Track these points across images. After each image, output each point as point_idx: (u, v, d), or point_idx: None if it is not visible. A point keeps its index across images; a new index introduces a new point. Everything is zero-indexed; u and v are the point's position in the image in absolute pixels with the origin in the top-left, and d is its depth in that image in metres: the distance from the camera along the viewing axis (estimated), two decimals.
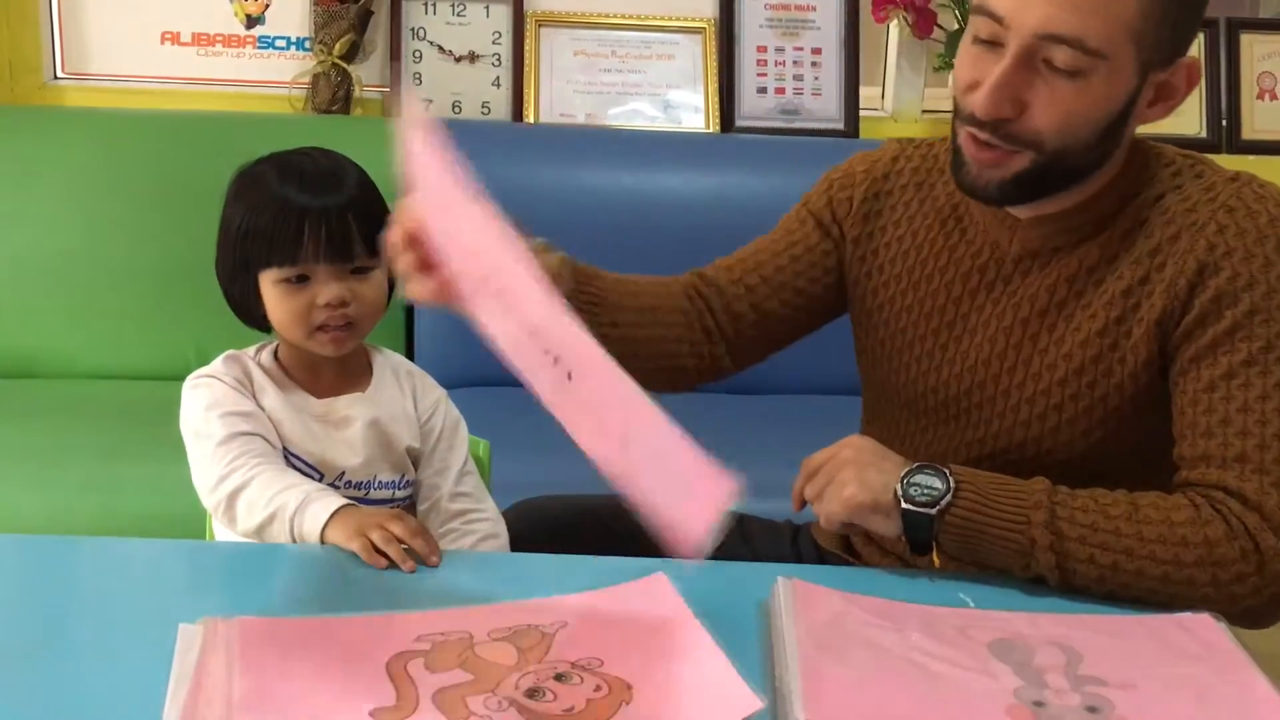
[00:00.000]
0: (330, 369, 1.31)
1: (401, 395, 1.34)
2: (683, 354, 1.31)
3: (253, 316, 1.29)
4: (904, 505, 1.06)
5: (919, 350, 1.26)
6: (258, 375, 1.29)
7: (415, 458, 1.34)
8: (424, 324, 2.51)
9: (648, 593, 0.99)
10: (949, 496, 1.06)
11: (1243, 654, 0.93)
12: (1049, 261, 1.18)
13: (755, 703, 0.80)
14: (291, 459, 1.26)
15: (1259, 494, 1.04)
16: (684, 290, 1.34)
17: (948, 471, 1.08)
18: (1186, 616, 0.99)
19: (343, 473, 1.28)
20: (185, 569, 1.11)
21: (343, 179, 1.25)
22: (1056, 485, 1.08)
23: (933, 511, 1.06)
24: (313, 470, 1.27)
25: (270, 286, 1.24)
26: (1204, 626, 0.97)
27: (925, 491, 1.07)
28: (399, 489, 1.32)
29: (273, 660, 0.85)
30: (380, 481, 1.30)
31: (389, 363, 1.36)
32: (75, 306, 2.46)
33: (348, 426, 1.29)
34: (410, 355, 2.53)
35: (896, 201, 1.30)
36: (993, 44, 1.08)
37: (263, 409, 1.26)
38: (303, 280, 1.23)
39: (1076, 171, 1.14)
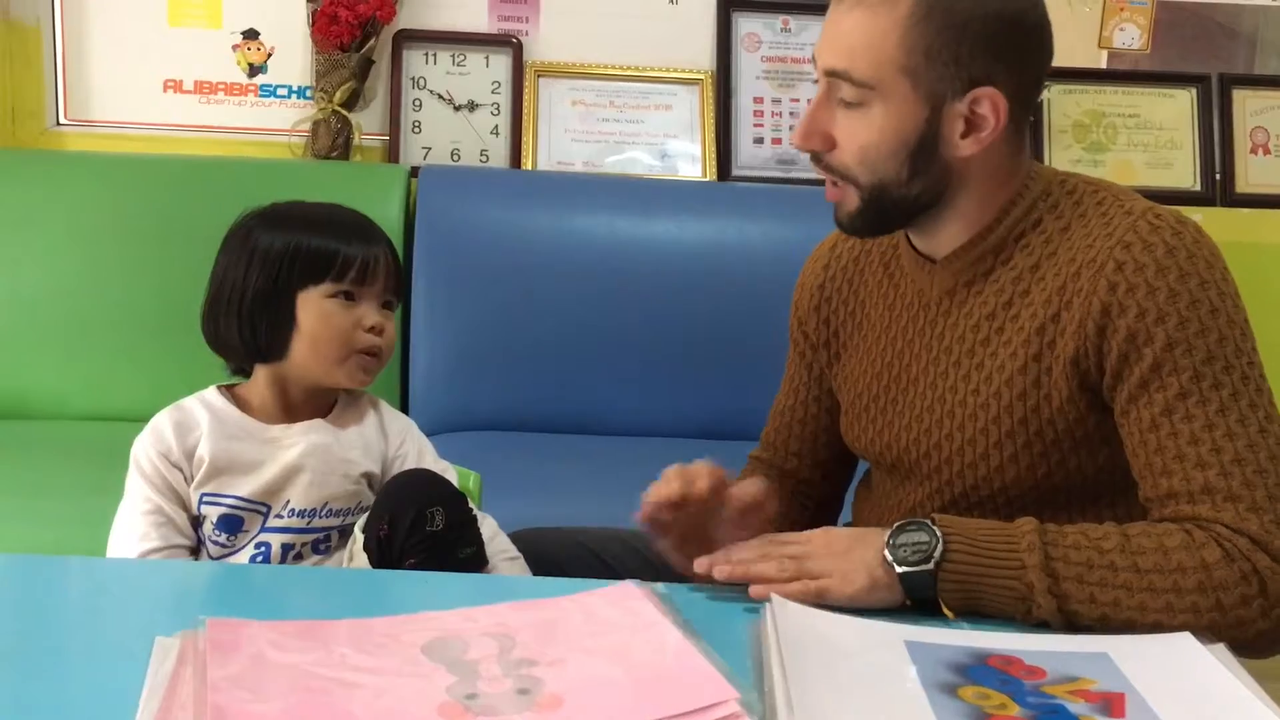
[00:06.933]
0: (299, 401, 1.30)
1: (361, 424, 1.33)
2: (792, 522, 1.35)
3: (269, 346, 1.27)
4: (899, 569, 1.03)
5: (873, 411, 1.28)
6: (204, 419, 1.27)
7: (375, 485, 1.31)
8: (418, 368, 2.51)
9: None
10: (940, 547, 1.03)
11: (657, 613, 0.95)
12: (965, 298, 1.20)
13: (729, 691, 0.80)
14: (223, 503, 1.25)
15: (1238, 520, 1.02)
16: None
17: (930, 522, 1.05)
18: (613, 589, 1.00)
19: (288, 501, 1.26)
20: (168, 587, 1.10)
21: (373, 224, 1.32)
22: (1044, 524, 1.05)
23: (930, 566, 1.02)
24: (258, 505, 1.26)
25: (318, 302, 1.25)
26: (626, 595, 0.98)
27: (915, 549, 1.03)
28: (350, 516, 1.29)
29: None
30: (331, 509, 1.28)
31: (352, 397, 1.35)
32: (70, 349, 2.45)
33: (297, 453, 1.27)
34: (404, 399, 2.53)
35: (841, 282, 1.34)
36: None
37: (202, 457, 1.25)
38: (350, 299, 1.27)
39: (912, 203, 1.17)
